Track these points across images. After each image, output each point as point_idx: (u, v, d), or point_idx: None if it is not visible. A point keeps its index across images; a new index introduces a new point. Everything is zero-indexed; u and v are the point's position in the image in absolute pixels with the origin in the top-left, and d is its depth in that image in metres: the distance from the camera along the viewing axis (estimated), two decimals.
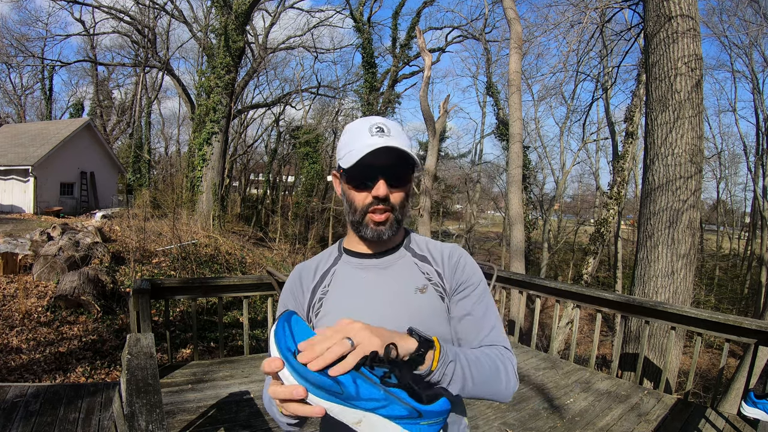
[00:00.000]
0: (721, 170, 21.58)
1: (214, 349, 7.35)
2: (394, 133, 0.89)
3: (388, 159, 0.87)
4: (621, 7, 8.88)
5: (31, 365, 5.89)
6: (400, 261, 0.97)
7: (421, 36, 10.28)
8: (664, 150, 4.56)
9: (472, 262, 0.98)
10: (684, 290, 4.49)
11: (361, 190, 0.91)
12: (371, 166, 0.87)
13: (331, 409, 0.66)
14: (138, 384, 1.55)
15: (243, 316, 3.89)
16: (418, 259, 0.98)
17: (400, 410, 0.65)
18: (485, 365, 0.83)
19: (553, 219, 23.33)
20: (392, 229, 0.92)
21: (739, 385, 5.30)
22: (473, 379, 0.79)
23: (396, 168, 0.89)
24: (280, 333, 0.68)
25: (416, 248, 1.00)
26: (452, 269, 0.96)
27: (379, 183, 0.88)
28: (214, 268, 11.23)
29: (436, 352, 0.74)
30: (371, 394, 0.65)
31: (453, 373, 0.77)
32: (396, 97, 18.90)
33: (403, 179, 0.91)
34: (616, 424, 3.07)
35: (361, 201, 0.91)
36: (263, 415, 2.91)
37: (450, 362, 0.76)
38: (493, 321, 0.93)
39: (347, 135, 0.93)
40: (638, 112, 10.14)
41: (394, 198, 0.91)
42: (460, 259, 0.97)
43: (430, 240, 1.03)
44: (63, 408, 2.94)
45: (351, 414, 0.66)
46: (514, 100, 6.92)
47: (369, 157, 0.86)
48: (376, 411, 0.65)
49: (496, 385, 0.84)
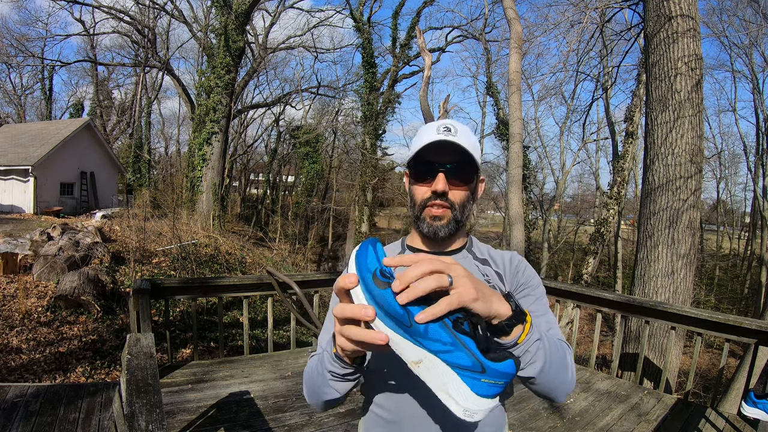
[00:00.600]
0: (721, 170, 21.60)
1: (214, 349, 7.35)
2: (462, 134, 0.90)
3: (451, 156, 0.89)
4: (621, 7, 8.88)
5: (31, 365, 5.88)
6: (462, 262, 0.96)
7: (421, 36, 10.28)
8: (664, 150, 4.56)
9: (531, 268, 0.99)
10: (684, 290, 4.49)
11: (421, 184, 0.92)
12: (433, 161, 0.89)
13: (393, 340, 0.61)
14: (138, 384, 1.55)
15: (243, 316, 3.89)
16: (479, 261, 0.98)
17: (465, 360, 0.61)
18: (559, 350, 0.80)
19: (553, 219, 23.33)
20: (449, 227, 0.92)
21: (739, 385, 5.30)
22: (551, 362, 0.76)
23: (458, 166, 0.90)
24: (363, 253, 0.64)
25: (477, 252, 1.01)
26: (513, 272, 0.97)
27: (439, 177, 0.89)
28: (214, 268, 11.23)
29: (527, 326, 0.71)
30: (439, 335, 0.60)
31: (536, 352, 0.72)
32: (396, 97, 18.90)
33: (465, 178, 0.92)
34: (616, 424, 3.07)
35: (420, 195, 0.93)
36: (263, 415, 2.91)
37: (536, 340, 0.72)
38: (551, 320, 0.92)
39: (418, 134, 0.95)
40: (638, 112, 10.13)
41: (454, 196, 0.91)
42: (520, 263, 0.98)
43: (490, 247, 1.04)
44: (63, 408, 2.94)
45: (412, 351, 0.62)
46: (514, 100, 6.92)
47: (432, 152, 0.88)
48: (439, 354, 0.61)
49: (565, 374, 0.81)
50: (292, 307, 4.12)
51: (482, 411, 0.62)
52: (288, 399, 3.18)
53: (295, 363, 3.87)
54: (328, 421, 2.90)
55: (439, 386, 0.62)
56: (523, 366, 0.72)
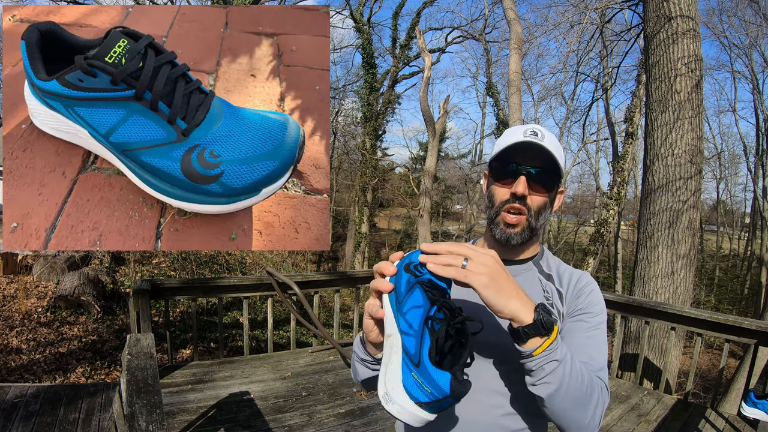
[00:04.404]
0: (721, 170, 21.59)
1: (214, 350, 7.35)
2: (548, 140, 0.87)
3: (535, 160, 0.87)
4: (621, 8, 8.89)
5: (31, 365, 5.88)
6: (525, 273, 0.94)
7: (421, 36, 10.29)
8: (664, 150, 4.56)
9: (600, 295, 0.92)
10: (684, 290, 4.49)
11: (501, 185, 0.90)
12: (516, 163, 0.88)
13: (387, 315, 0.70)
14: (138, 384, 1.55)
15: (243, 316, 3.89)
16: (543, 276, 0.95)
17: (412, 348, 0.64)
18: (585, 389, 0.73)
19: (553, 219, 23.34)
20: (523, 235, 0.89)
21: (739, 385, 5.31)
22: (567, 391, 0.70)
23: (541, 171, 0.88)
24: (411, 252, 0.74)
25: (544, 266, 0.97)
26: (576, 293, 0.90)
27: (520, 179, 0.86)
28: (214, 269, 11.23)
29: (548, 341, 0.68)
30: (413, 319, 0.65)
31: (551, 372, 0.69)
32: (396, 98, 18.92)
33: (547, 184, 0.89)
34: (616, 424, 3.07)
35: (499, 196, 0.90)
36: (263, 415, 2.92)
37: (555, 360, 0.69)
38: (597, 356, 0.83)
39: (502, 136, 0.94)
40: (638, 113, 10.14)
41: (532, 201, 0.88)
42: (587, 286, 0.92)
43: (563, 263, 0.99)
44: (63, 408, 2.94)
45: (391, 325, 0.69)
46: (514, 101, 6.92)
47: (516, 153, 0.87)
48: (402, 335, 0.66)
49: (582, 412, 0.74)
50: (292, 308, 4.12)
51: (400, 406, 0.63)
52: (288, 399, 3.18)
53: (295, 363, 3.87)
54: (329, 422, 2.90)
55: (386, 361, 0.68)
56: (534, 382, 0.71)
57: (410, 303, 0.67)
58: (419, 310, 0.66)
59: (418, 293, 0.67)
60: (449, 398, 0.62)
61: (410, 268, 0.70)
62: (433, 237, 14.11)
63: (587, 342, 0.84)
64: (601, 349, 0.85)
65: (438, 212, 27.41)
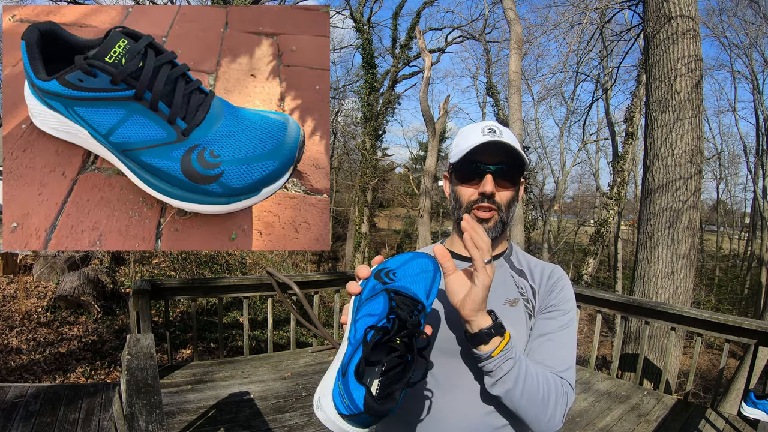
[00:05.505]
0: (721, 170, 21.59)
1: (214, 350, 7.35)
2: (506, 135, 0.89)
3: (498, 157, 0.88)
4: (621, 8, 8.89)
5: (31, 366, 5.88)
6: (497, 270, 0.93)
7: (421, 37, 10.29)
8: (664, 151, 4.56)
9: (570, 289, 0.94)
10: (684, 290, 4.49)
11: (467, 186, 0.91)
12: (480, 162, 0.88)
13: (348, 320, 0.72)
14: (138, 384, 1.55)
15: (243, 316, 3.89)
16: (515, 272, 0.96)
17: (347, 357, 0.64)
18: (541, 387, 0.78)
19: (553, 219, 23.34)
20: (495, 230, 0.90)
21: (739, 385, 5.30)
22: (523, 391, 0.76)
23: (504, 167, 0.89)
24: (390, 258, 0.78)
25: (516, 261, 0.98)
26: (548, 289, 0.92)
27: (487, 178, 0.88)
28: (214, 269, 11.23)
29: (504, 342, 0.74)
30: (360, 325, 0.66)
31: (508, 372, 0.75)
32: (396, 98, 18.91)
33: (512, 179, 0.91)
34: (616, 424, 3.07)
35: (466, 197, 0.91)
36: (263, 415, 2.92)
37: (510, 359, 0.75)
38: (565, 353, 0.87)
39: (459, 136, 0.94)
40: (638, 113, 10.14)
41: (501, 197, 0.90)
42: (559, 281, 0.94)
43: (532, 257, 1.00)
44: (63, 408, 2.94)
45: (347, 330, 0.71)
46: (514, 101, 6.93)
47: (478, 153, 0.87)
48: (348, 343, 0.67)
49: (541, 412, 0.78)
50: (291, 308, 4.11)
51: (325, 414, 0.62)
52: (288, 400, 3.18)
53: (295, 363, 3.87)
54: None
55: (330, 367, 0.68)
56: (493, 381, 0.76)
57: (366, 310, 0.66)
58: (372, 318, 0.65)
59: (380, 300, 0.66)
60: (363, 415, 0.58)
61: (380, 275, 0.69)
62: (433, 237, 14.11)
63: (562, 340, 0.87)
64: (570, 348, 0.88)
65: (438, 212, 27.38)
